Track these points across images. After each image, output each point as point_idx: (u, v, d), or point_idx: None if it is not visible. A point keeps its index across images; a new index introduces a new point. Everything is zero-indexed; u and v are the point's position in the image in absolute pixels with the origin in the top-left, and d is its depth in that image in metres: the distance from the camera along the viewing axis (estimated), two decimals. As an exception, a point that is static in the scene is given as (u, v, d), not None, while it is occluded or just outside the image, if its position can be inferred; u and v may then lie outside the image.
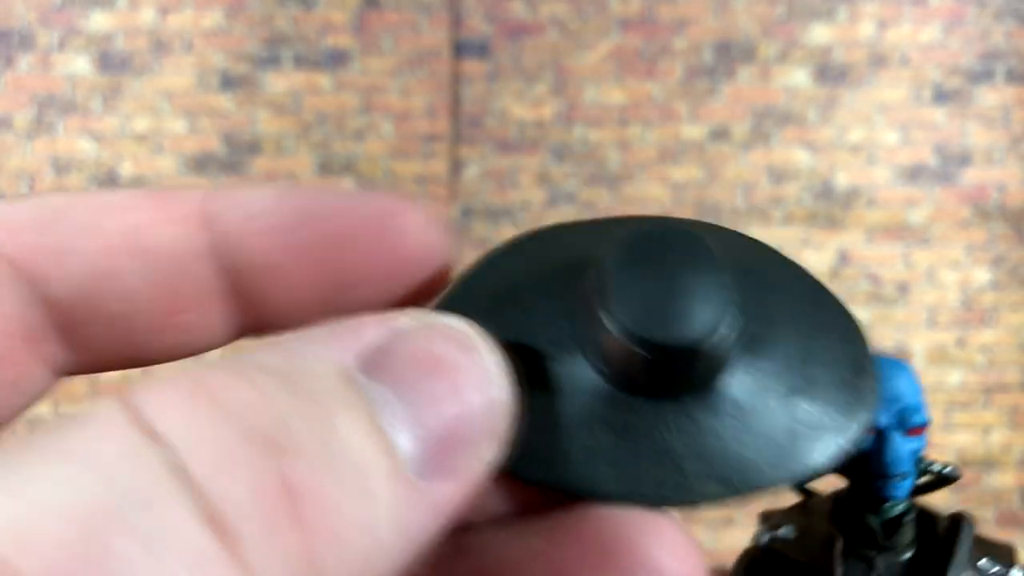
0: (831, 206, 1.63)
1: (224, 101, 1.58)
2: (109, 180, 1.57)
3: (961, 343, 1.63)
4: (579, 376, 0.14)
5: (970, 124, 1.62)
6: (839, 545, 0.54)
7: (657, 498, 0.13)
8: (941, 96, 1.62)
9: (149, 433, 0.10)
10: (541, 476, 0.14)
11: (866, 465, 0.53)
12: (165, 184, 1.53)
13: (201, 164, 1.58)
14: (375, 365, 0.12)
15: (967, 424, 1.63)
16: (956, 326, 1.63)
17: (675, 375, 0.14)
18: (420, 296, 0.15)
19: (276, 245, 0.15)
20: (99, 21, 1.56)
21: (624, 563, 0.13)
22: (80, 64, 1.57)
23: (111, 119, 1.57)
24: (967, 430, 1.63)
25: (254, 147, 1.58)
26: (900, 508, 0.54)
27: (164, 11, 1.57)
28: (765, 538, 0.58)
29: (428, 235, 0.15)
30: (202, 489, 0.10)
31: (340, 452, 0.11)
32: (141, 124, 1.57)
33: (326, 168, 1.59)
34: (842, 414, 0.14)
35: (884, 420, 0.52)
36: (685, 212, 1.60)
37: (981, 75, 1.62)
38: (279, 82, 1.58)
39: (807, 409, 0.14)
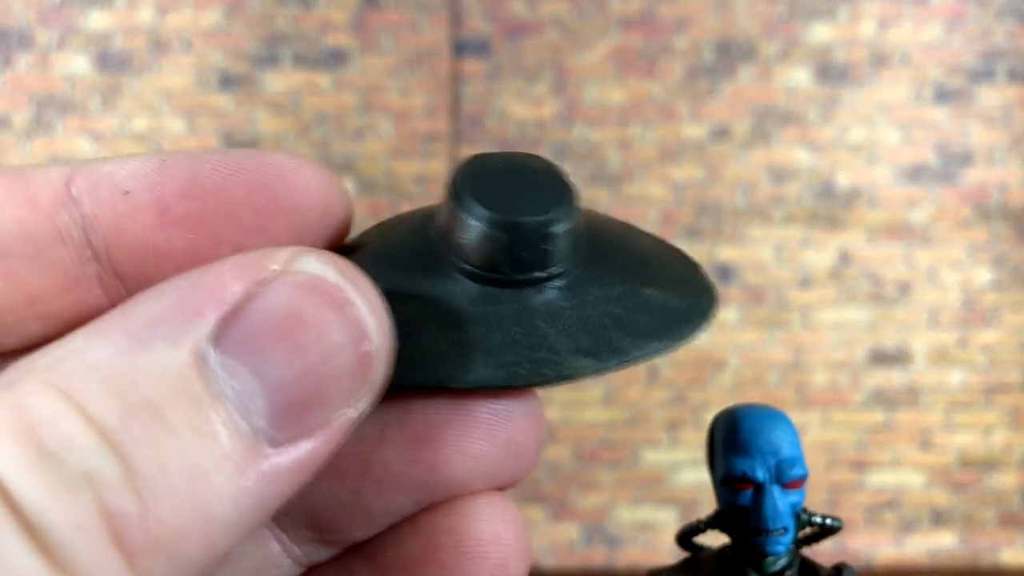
0: (832, 206, 1.62)
1: (223, 101, 1.58)
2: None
3: (962, 343, 1.63)
4: (448, 287, 0.15)
5: (971, 124, 1.62)
6: None
7: (537, 377, 0.14)
8: (942, 95, 1.62)
9: None
10: (421, 379, 0.14)
11: (744, 520, 0.54)
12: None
13: (200, 164, 1.58)
14: (230, 336, 0.12)
15: (968, 425, 1.62)
16: (957, 326, 1.63)
17: (532, 257, 0.14)
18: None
19: (154, 222, 0.14)
20: (98, 20, 1.56)
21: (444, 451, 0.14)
22: (79, 63, 1.57)
23: (110, 119, 1.57)
24: (968, 431, 1.62)
25: (253, 147, 1.58)
26: (782, 563, 0.55)
27: (163, 10, 1.57)
28: None
29: (322, 193, 0.15)
30: (31, 522, 0.10)
31: (168, 459, 0.11)
32: (140, 124, 1.57)
33: (326, 167, 1.59)
34: (689, 302, 0.16)
35: (761, 474, 0.53)
36: (685, 211, 1.60)
37: (982, 74, 1.61)
38: (278, 81, 1.58)
39: (659, 296, 0.15)
